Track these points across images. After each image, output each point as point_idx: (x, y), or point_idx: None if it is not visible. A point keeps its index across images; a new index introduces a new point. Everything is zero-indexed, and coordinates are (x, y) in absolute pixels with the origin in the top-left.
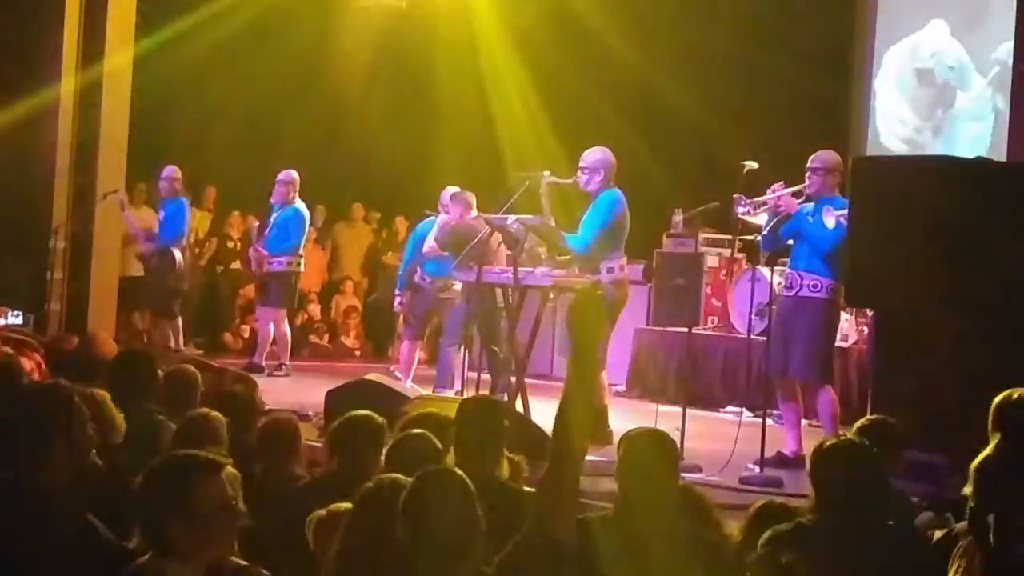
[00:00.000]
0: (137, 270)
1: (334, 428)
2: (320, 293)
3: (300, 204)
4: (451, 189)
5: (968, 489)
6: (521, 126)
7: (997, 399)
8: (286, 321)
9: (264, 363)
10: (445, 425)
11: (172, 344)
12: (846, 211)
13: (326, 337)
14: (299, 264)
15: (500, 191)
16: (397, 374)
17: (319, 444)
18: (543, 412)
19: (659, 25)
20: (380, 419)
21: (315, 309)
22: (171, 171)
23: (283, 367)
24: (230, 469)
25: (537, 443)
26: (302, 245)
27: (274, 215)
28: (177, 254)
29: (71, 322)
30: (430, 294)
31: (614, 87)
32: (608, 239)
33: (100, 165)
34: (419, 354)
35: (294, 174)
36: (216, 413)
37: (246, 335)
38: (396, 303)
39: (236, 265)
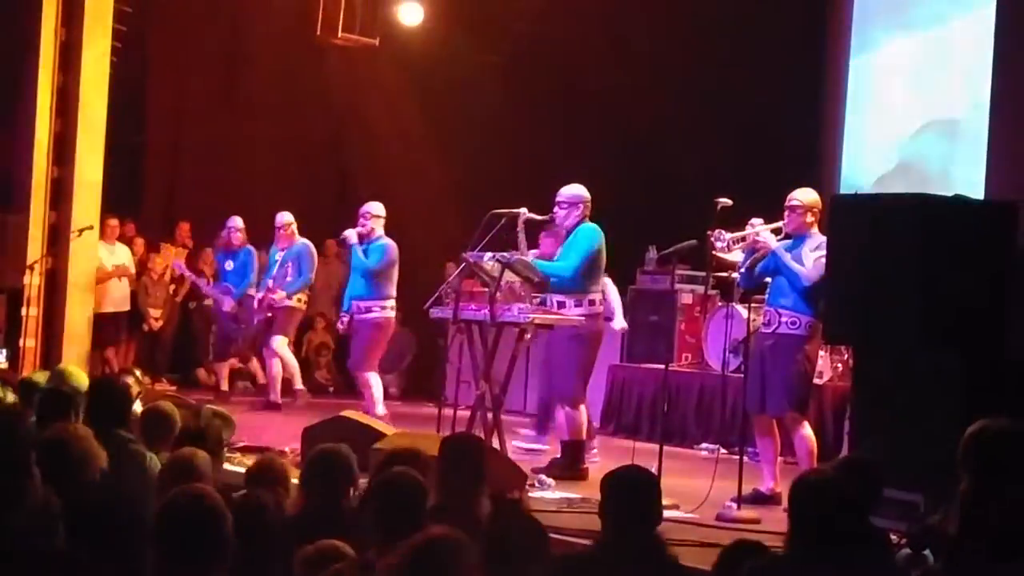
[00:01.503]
0: (111, 306)
1: (307, 463)
2: None
3: (305, 240)
4: (372, 204)
5: (943, 522)
6: (497, 162)
7: (969, 431)
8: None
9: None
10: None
11: (224, 386)
12: (823, 251)
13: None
14: (305, 301)
15: (476, 227)
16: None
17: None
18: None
19: (638, 60)
20: (349, 451)
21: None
22: (238, 221)
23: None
24: None
25: (512, 478)
26: (312, 280)
27: (279, 255)
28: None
29: (46, 358)
30: (357, 324)
31: (590, 122)
32: (592, 270)
33: (74, 202)
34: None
35: (290, 216)
36: (202, 452)
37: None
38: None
39: (209, 302)
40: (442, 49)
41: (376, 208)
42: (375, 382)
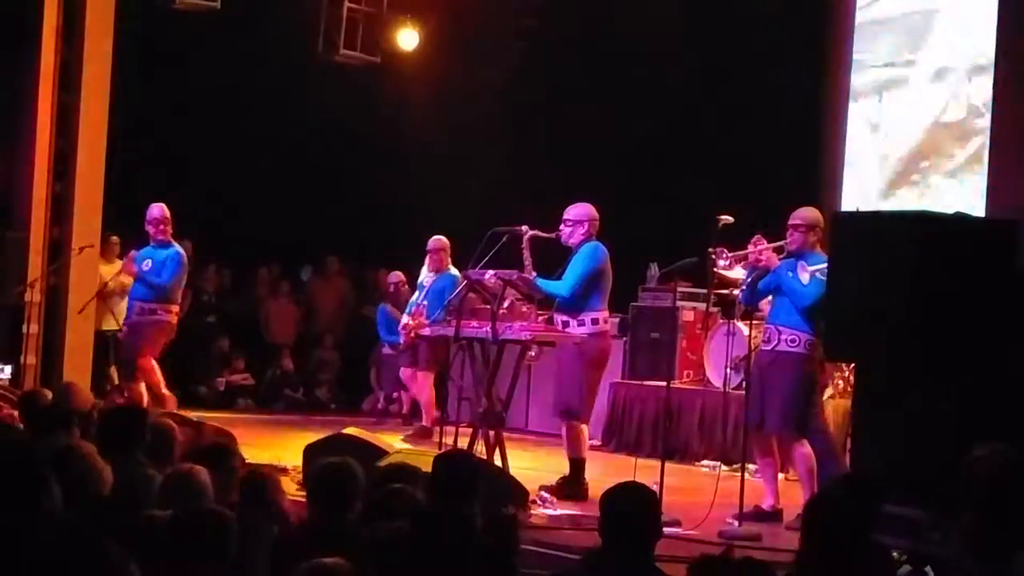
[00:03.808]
0: (113, 324)
1: (312, 475)
2: (294, 347)
3: (454, 270)
4: (155, 207)
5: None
6: (497, 180)
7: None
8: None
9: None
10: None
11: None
12: (823, 266)
13: (300, 391)
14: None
15: (477, 244)
16: None
17: (297, 497)
18: (520, 466)
19: (637, 77)
20: (356, 466)
21: (289, 363)
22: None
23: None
24: None
25: (515, 495)
26: None
27: (427, 280)
28: None
29: (47, 375)
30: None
31: (590, 140)
32: (591, 289)
33: (75, 219)
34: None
35: (446, 241)
36: (200, 467)
37: (222, 388)
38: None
39: (211, 319)
40: (440, 67)
41: (160, 212)
42: (155, 365)
